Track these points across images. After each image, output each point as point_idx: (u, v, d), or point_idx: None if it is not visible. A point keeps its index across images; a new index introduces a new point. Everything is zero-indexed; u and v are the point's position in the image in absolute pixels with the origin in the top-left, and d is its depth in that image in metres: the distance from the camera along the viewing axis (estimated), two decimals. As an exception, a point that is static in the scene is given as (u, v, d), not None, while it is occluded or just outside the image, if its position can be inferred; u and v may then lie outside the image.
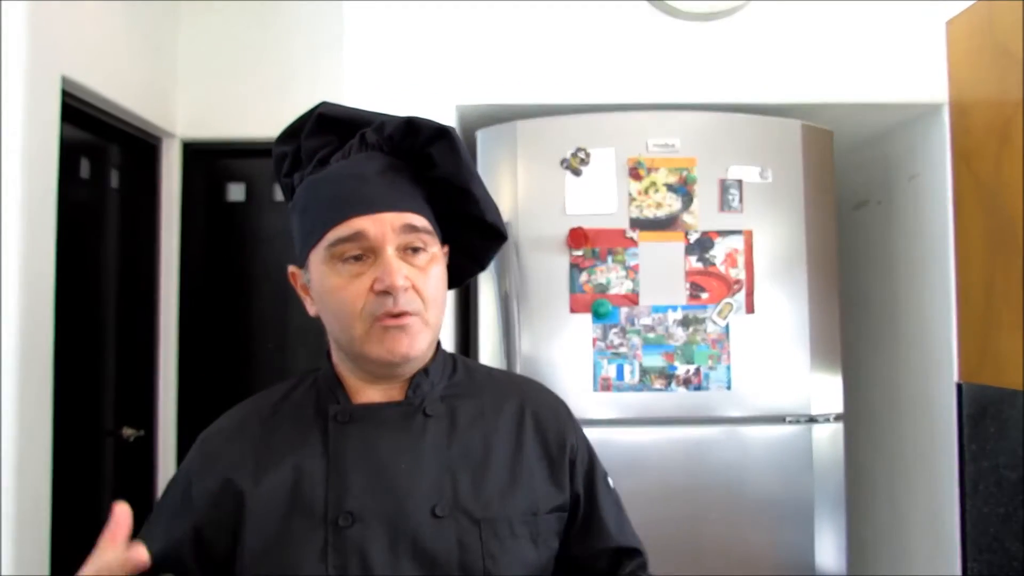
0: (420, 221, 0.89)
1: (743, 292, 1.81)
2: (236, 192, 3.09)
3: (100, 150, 2.66)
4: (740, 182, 1.82)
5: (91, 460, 2.60)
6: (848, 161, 2.50)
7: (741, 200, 1.82)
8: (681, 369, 1.79)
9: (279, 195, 3.08)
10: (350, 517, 0.86)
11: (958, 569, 1.90)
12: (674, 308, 1.80)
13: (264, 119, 2.92)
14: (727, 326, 1.80)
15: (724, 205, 1.81)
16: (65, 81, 2.24)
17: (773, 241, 1.83)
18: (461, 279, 1.04)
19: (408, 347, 0.88)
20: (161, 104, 2.85)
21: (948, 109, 1.95)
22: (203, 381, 3.01)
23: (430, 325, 0.90)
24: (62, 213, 2.22)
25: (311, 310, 0.96)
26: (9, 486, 1.99)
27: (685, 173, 1.81)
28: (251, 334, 3.05)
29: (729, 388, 1.80)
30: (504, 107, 1.92)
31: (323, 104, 0.97)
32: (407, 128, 0.91)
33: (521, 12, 1.93)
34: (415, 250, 0.89)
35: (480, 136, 1.89)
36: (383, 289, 0.85)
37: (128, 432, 2.74)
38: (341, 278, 0.88)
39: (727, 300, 1.80)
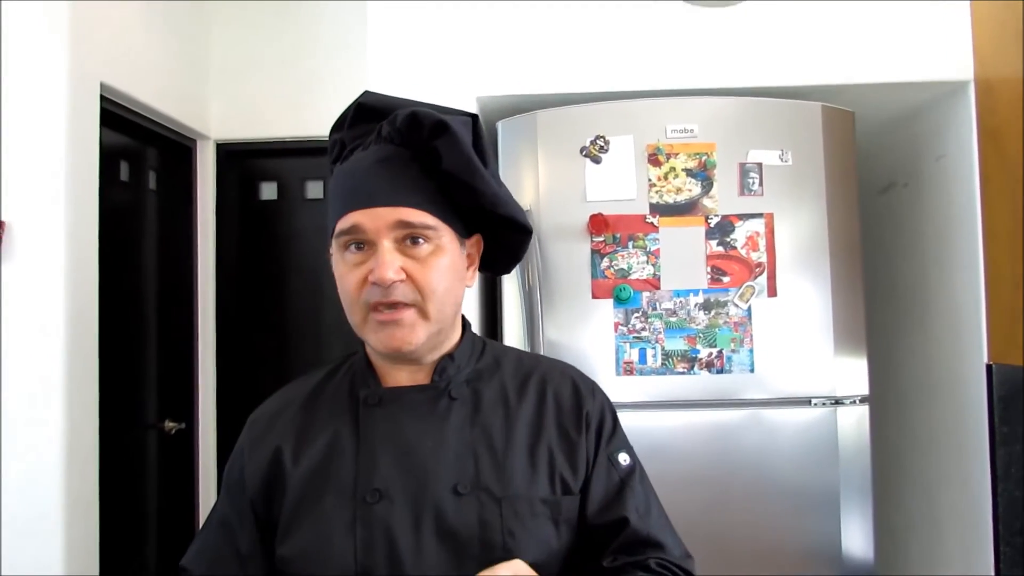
0: (418, 216, 0.89)
1: (765, 275, 1.81)
2: (268, 191, 3.17)
3: (138, 153, 2.75)
4: (760, 165, 1.82)
5: (135, 453, 2.69)
6: (873, 144, 2.47)
7: (761, 183, 1.82)
8: (704, 352, 1.80)
9: (310, 192, 3.15)
10: (377, 494, 0.90)
11: (991, 553, 1.87)
12: (695, 292, 1.81)
13: (294, 119, 3.02)
14: (749, 309, 1.80)
15: (744, 189, 1.82)
16: (104, 87, 2.33)
17: (795, 224, 1.83)
18: (499, 268, 1.06)
19: (401, 341, 0.90)
20: (195, 107, 2.94)
21: (974, 87, 1.92)
22: (240, 375, 3.09)
23: (430, 318, 0.91)
24: (103, 215, 2.31)
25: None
26: (59, 478, 2.08)
27: (704, 158, 1.82)
28: (285, 328, 3.12)
29: (752, 371, 1.80)
30: (524, 97, 1.95)
31: (365, 93, 0.99)
32: (411, 121, 0.91)
33: (539, 4, 1.96)
34: (416, 241, 0.90)
35: (501, 127, 1.92)
36: (374, 280, 0.88)
37: (170, 425, 2.82)
38: (346, 266, 0.91)
39: (749, 283, 1.81)
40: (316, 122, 3.00)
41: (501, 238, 1.00)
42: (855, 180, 1.89)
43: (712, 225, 1.82)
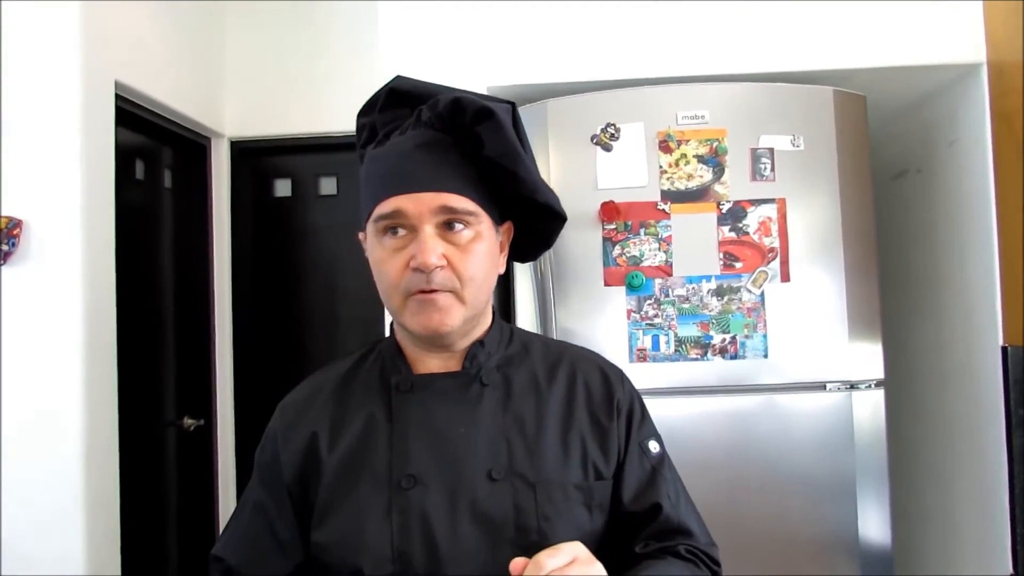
0: (460, 202, 0.90)
1: (778, 261, 1.81)
2: (282, 188, 3.19)
3: (153, 152, 2.78)
4: (771, 151, 1.82)
5: (154, 449, 2.72)
6: (886, 131, 2.46)
7: (773, 169, 1.82)
8: (717, 338, 1.80)
9: (324, 189, 3.17)
10: (412, 480, 0.91)
11: (1008, 538, 1.87)
12: (708, 278, 1.81)
13: (307, 116, 3.04)
14: (762, 294, 1.81)
15: (756, 174, 1.82)
16: (119, 86, 2.35)
17: (807, 208, 1.83)
18: (528, 256, 1.06)
19: (439, 322, 0.90)
20: (209, 105, 2.96)
21: (986, 70, 1.91)
22: (257, 371, 3.12)
23: (466, 303, 0.92)
24: (119, 213, 2.33)
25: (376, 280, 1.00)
26: (80, 475, 2.10)
27: (715, 144, 1.82)
28: (301, 324, 3.15)
29: (766, 356, 1.80)
30: (534, 87, 1.96)
31: (396, 78, 0.99)
32: (454, 107, 0.91)
33: (548, -6, 1.97)
34: (455, 227, 0.90)
35: (511, 117, 1.93)
36: (416, 267, 0.88)
37: (188, 422, 2.85)
38: (384, 251, 0.92)
39: (761, 269, 1.81)
40: (329, 118, 3.03)
41: (533, 225, 1.00)
42: (868, 164, 1.89)
43: (724, 211, 1.82)
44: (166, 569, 2.75)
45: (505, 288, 2.00)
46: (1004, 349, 1.88)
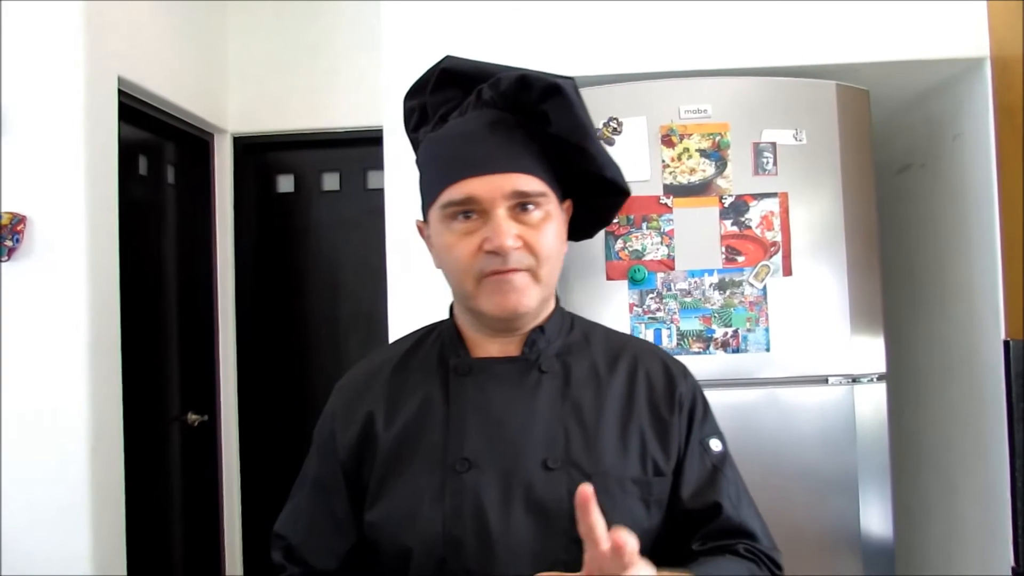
0: (531, 183, 0.88)
1: (780, 254, 1.82)
2: (285, 183, 3.20)
3: (156, 147, 2.79)
4: (774, 145, 1.82)
5: (159, 445, 2.73)
6: (890, 125, 2.46)
7: (775, 163, 1.82)
8: (719, 332, 1.80)
9: (327, 185, 3.18)
10: (466, 463, 0.90)
11: (1009, 530, 1.87)
12: (710, 272, 1.81)
13: (310, 112, 3.05)
14: (764, 288, 1.81)
15: (758, 168, 1.82)
16: (122, 81, 2.36)
17: (809, 202, 1.83)
18: (588, 233, 1.04)
19: (516, 302, 0.89)
20: (212, 101, 2.97)
21: (990, 64, 1.91)
22: (261, 366, 3.13)
23: (541, 282, 0.91)
24: (122, 209, 2.34)
25: (435, 262, 0.98)
26: (85, 471, 2.11)
27: (718, 138, 1.83)
28: (304, 320, 3.16)
29: (768, 350, 1.81)
30: (536, 83, 1.96)
31: (447, 58, 0.97)
32: (520, 84, 0.89)
33: (550, -12, 1.97)
34: (527, 207, 0.89)
35: (513, 113, 1.94)
36: (492, 249, 0.87)
37: (193, 417, 2.87)
38: (454, 235, 0.90)
39: (764, 263, 1.81)
40: (332, 114, 3.04)
41: (592, 202, 0.99)
42: (871, 159, 1.89)
43: (726, 205, 1.82)
44: (171, 564, 2.77)
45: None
46: (1006, 343, 1.88)
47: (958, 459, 2.18)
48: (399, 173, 1.96)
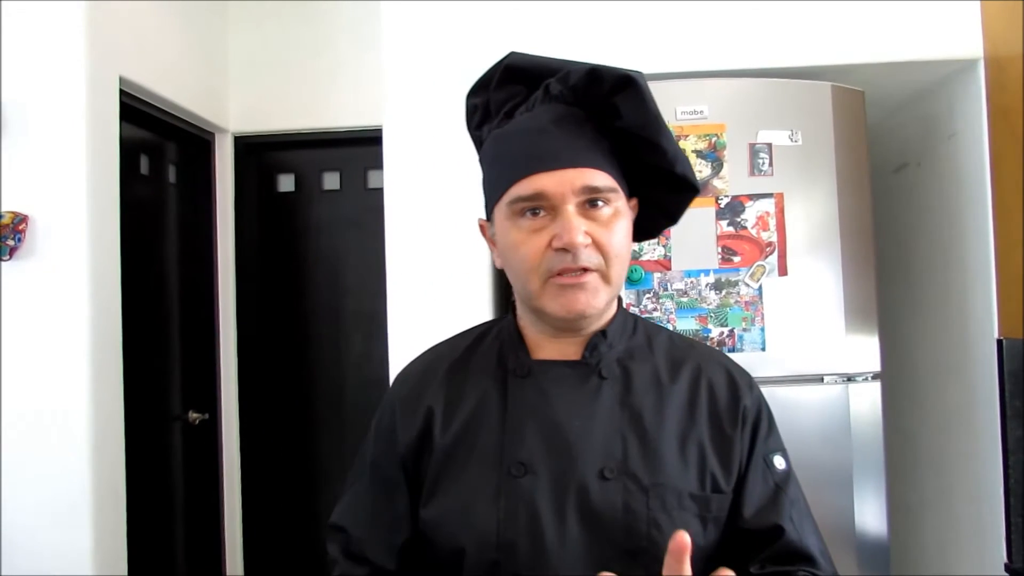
0: (602, 179, 0.86)
1: (776, 255, 1.83)
2: (286, 183, 3.22)
3: (158, 147, 2.80)
4: (770, 146, 1.84)
5: (161, 443, 2.75)
6: (886, 124, 2.48)
7: (771, 164, 1.84)
8: (715, 331, 1.82)
9: (327, 184, 3.19)
10: (522, 467, 0.88)
11: (1002, 526, 1.89)
12: (706, 272, 1.83)
13: (311, 111, 3.06)
14: (760, 288, 1.83)
15: (754, 169, 1.84)
16: (123, 81, 2.37)
17: (805, 203, 1.85)
18: (652, 232, 1.01)
19: (585, 304, 0.87)
20: (214, 101, 2.98)
21: (983, 65, 1.93)
22: (262, 365, 3.15)
23: (611, 283, 0.88)
24: (124, 208, 2.35)
25: (497, 262, 0.96)
26: (87, 469, 2.13)
27: (714, 139, 1.84)
28: (305, 319, 3.18)
29: (764, 349, 1.82)
30: (535, 84, 1.98)
31: (511, 54, 0.95)
32: (591, 77, 0.87)
33: (548, -9, 1.99)
34: (597, 204, 0.87)
35: (512, 113, 1.95)
36: (561, 246, 0.84)
37: (194, 416, 2.88)
38: (521, 233, 0.88)
39: (759, 263, 1.83)
40: (333, 114, 3.05)
41: (660, 199, 0.95)
42: (866, 159, 1.91)
43: (722, 206, 1.84)
44: (172, 563, 2.79)
45: (507, 283, 2.02)
46: (999, 342, 1.90)
47: (953, 457, 2.20)
48: (399, 172, 1.98)
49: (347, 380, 3.13)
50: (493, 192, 0.92)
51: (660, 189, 0.93)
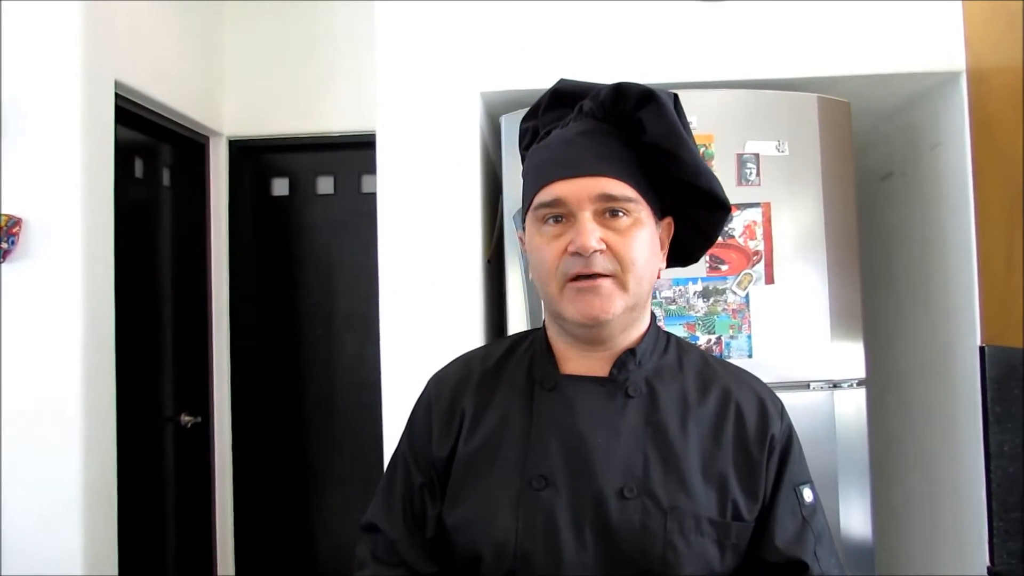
0: (619, 188, 0.89)
1: (762, 263, 1.86)
2: (280, 186, 3.23)
3: (152, 150, 2.82)
4: (757, 156, 1.87)
5: (153, 446, 2.76)
6: (872, 134, 2.51)
7: (758, 174, 1.87)
8: (703, 339, 1.85)
9: (322, 188, 3.21)
10: (543, 480, 0.90)
11: (985, 528, 1.92)
12: (694, 280, 1.86)
13: (305, 115, 3.08)
14: (747, 296, 1.86)
15: (742, 179, 1.87)
16: (118, 85, 2.39)
17: (792, 212, 1.88)
18: (692, 255, 1.03)
19: (600, 309, 0.88)
20: (208, 104, 3.00)
21: (966, 77, 1.96)
22: (255, 368, 3.16)
23: (628, 290, 0.89)
24: (118, 211, 2.36)
25: (531, 274, 0.97)
26: (78, 471, 2.13)
27: (703, 149, 1.87)
28: (299, 322, 3.19)
29: (751, 356, 1.85)
30: (526, 92, 2.00)
31: (560, 81, 0.99)
32: (616, 93, 0.91)
33: (539, 2, 2.01)
34: (615, 213, 0.89)
35: (504, 121, 1.97)
36: (575, 250, 0.87)
37: (186, 419, 2.89)
38: (543, 238, 0.91)
39: (747, 271, 1.86)
40: (327, 119, 3.07)
41: (694, 218, 0.96)
42: (852, 169, 1.94)
43: (711, 214, 1.86)
44: (164, 566, 2.79)
45: (498, 287, 2.04)
46: (982, 349, 1.93)
47: (937, 461, 2.23)
48: (392, 177, 2.00)
49: (339, 383, 3.15)
50: (525, 202, 0.96)
51: (694, 208, 0.95)
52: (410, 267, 1.98)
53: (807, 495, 0.95)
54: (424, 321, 1.96)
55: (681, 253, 1.01)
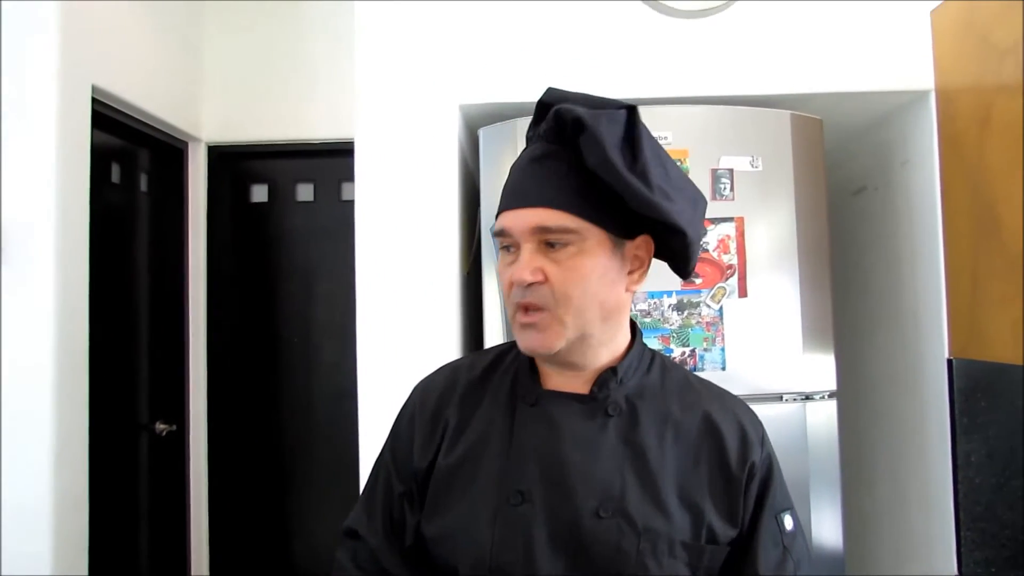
0: (557, 219, 0.87)
1: (736, 277, 1.89)
2: (259, 193, 3.22)
3: (130, 155, 2.79)
4: (731, 171, 1.90)
5: (126, 454, 2.73)
6: (845, 149, 2.56)
7: (732, 188, 1.90)
8: (677, 351, 1.87)
9: (301, 195, 3.21)
10: (520, 496, 0.90)
11: (953, 537, 1.96)
12: (669, 294, 1.88)
13: (285, 122, 3.08)
14: (721, 309, 1.88)
15: (716, 194, 1.90)
16: (95, 90, 2.37)
17: (765, 227, 1.91)
18: (677, 272, 1.00)
19: (539, 344, 0.89)
20: (187, 110, 2.98)
21: (935, 96, 2.01)
22: (231, 375, 3.14)
23: (564, 323, 0.89)
24: (95, 216, 2.34)
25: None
26: (49, 478, 2.11)
27: (678, 164, 1.90)
28: (276, 329, 3.18)
29: (724, 369, 1.88)
30: (505, 105, 2.02)
31: (547, 90, 0.96)
32: (556, 119, 0.89)
33: (519, 14, 2.03)
34: (555, 245, 0.88)
35: (482, 134, 1.99)
36: (514, 281, 0.89)
37: (161, 427, 2.85)
38: (502, 265, 0.93)
39: (720, 285, 1.89)
40: (307, 125, 3.07)
41: (670, 245, 0.94)
42: (824, 184, 1.97)
43: (685, 228, 1.89)
44: (136, 575, 2.77)
45: (476, 299, 2.06)
46: (949, 362, 1.97)
47: (906, 470, 2.27)
48: (370, 187, 2.01)
49: (317, 391, 3.14)
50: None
51: (662, 233, 0.92)
52: (388, 277, 1.99)
53: (788, 523, 0.96)
54: (401, 330, 1.97)
55: (673, 268, 0.99)
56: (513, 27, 2.03)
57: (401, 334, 1.97)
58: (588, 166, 0.87)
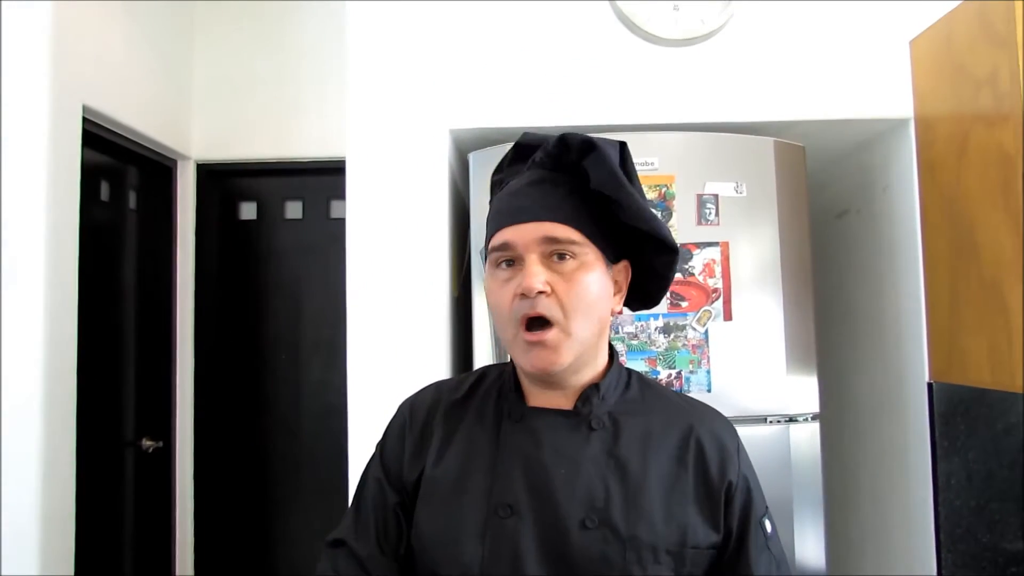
0: (562, 231, 0.92)
1: (721, 300, 1.92)
2: (248, 211, 3.23)
3: (119, 173, 2.80)
4: (716, 197, 1.93)
5: (113, 470, 2.72)
6: (828, 174, 2.60)
7: (717, 214, 1.93)
8: (663, 373, 1.90)
9: (290, 213, 3.22)
10: (508, 509, 0.93)
11: (934, 559, 1.99)
12: (655, 316, 1.91)
13: (274, 140, 3.09)
14: (706, 332, 1.91)
15: (701, 219, 1.93)
16: (86, 109, 2.38)
17: (749, 251, 1.94)
18: (653, 296, 1.06)
19: (550, 363, 0.92)
20: (176, 128, 3.00)
21: (914, 123, 2.05)
22: (218, 393, 3.14)
23: (572, 336, 0.92)
24: (84, 233, 2.35)
25: (491, 316, 1.04)
26: (36, 495, 2.11)
27: (664, 189, 1.93)
28: (264, 347, 3.18)
29: (710, 391, 1.90)
30: (494, 130, 2.04)
31: (523, 135, 1.03)
32: (560, 143, 0.96)
33: (508, 42, 2.06)
34: (561, 256, 0.92)
35: (472, 158, 2.01)
36: (521, 292, 0.91)
37: (148, 443, 2.85)
38: (496, 283, 0.95)
39: (706, 308, 1.91)
40: (296, 144, 3.08)
41: (648, 260, 1.00)
42: (806, 209, 2.01)
43: (672, 252, 1.92)
44: (121, 591, 2.75)
45: (466, 320, 2.07)
46: (930, 385, 2.00)
47: (888, 491, 2.30)
48: (361, 206, 2.03)
49: (304, 409, 3.14)
50: (484, 248, 1.00)
51: (647, 250, 0.99)
52: (379, 297, 2.00)
53: (768, 526, 1.00)
54: (391, 349, 1.98)
55: (642, 296, 1.05)
56: (502, 55, 2.06)
57: (391, 353, 1.98)
58: (593, 185, 0.93)
